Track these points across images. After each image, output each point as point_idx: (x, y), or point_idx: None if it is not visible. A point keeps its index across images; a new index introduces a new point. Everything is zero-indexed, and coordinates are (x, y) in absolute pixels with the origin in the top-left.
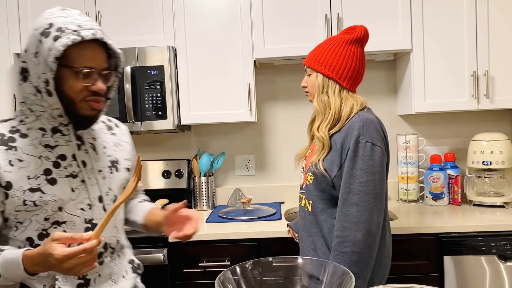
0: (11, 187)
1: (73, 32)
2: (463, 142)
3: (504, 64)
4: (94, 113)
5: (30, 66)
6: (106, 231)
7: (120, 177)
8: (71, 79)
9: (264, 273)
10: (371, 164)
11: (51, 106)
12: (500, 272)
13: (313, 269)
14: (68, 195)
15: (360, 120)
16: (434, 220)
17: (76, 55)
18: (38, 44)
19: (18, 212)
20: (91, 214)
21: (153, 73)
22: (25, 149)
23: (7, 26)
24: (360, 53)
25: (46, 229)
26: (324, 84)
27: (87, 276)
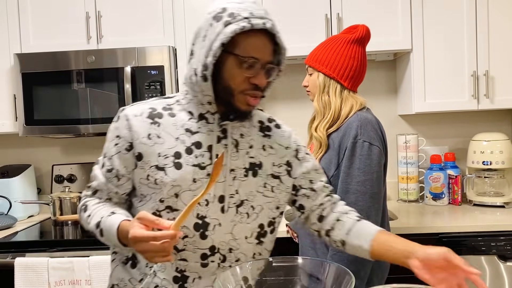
0: (141, 159)
1: (244, 19)
2: (463, 142)
3: (504, 64)
4: (249, 108)
5: (196, 49)
6: (217, 233)
7: (255, 183)
8: (234, 67)
9: (264, 273)
10: (369, 163)
11: (202, 92)
12: (500, 272)
13: (313, 269)
14: (187, 184)
15: (358, 120)
16: (434, 220)
17: (244, 44)
18: (208, 28)
19: (142, 185)
20: (206, 211)
21: (153, 73)
22: (167, 127)
23: (7, 26)
24: (362, 53)
25: (159, 211)
26: (325, 84)
27: (186, 272)
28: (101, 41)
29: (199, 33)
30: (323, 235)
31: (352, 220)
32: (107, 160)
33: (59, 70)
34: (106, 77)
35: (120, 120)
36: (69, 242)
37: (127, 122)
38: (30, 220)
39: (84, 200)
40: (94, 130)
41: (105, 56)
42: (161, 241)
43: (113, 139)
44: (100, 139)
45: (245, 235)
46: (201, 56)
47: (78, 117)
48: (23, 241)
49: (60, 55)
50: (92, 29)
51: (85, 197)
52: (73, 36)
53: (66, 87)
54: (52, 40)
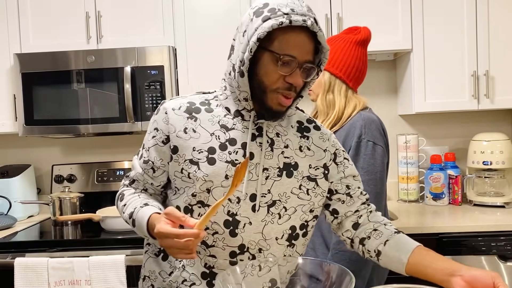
0: (176, 152)
1: (283, 15)
2: (463, 142)
3: (504, 64)
4: (281, 108)
5: (236, 44)
6: (247, 231)
7: (291, 184)
8: (270, 64)
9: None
10: (372, 163)
11: (239, 88)
12: (500, 272)
13: (313, 269)
14: (219, 180)
15: (362, 119)
16: (434, 220)
17: (280, 40)
18: (249, 23)
19: (176, 178)
20: (237, 208)
21: (153, 73)
22: (203, 122)
23: (7, 26)
24: (365, 55)
25: (191, 205)
26: (330, 83)
27: (214, 269)
28: (101, 41)
29: (240, 28)
30: (356, 243)
31: (390, 231)
32: (145, 151)
33: (59, 70)
34: (106, 77)
35: (159, 113)
36: (69, 242)
37: (166, 116)
38: (30, 220)
39: (121, 189)
40: (94, 130)
41: (105, 56)
42: (184, 239)
43: (151, 131)
44: (100, 139)
45: (276, 236)
46: (239, 51)
47: (78, 117)
48: (23, 241)
49: (60, 55)
50: (92, 29)
51: (122, 186)
52: (73, 36)
53: (66, 87)
54: (52, 40)
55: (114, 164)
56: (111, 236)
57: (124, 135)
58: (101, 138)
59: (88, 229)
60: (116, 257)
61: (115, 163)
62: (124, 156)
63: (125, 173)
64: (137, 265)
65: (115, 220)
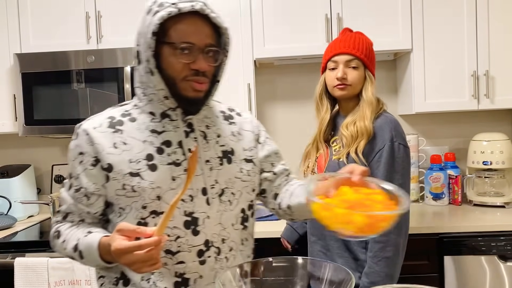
0: (112, 169)
1: (171, 5)
2: (463, 142)
3: (504, 64)
4: (198, 94)
5: (141, 47)
6: (208, 226)
7: (233, 169)
8: (170, 56)
9: (264, 273)
10: (405, 166)
11: (156, 87)
12: (500, 272)
13: (313, 269)
14: (167, 184)
15: (390, 122)
16: (434, 220)
17: (174, 30)
18: (143, 23)
19: (119, 197)
20: (193, 206)
21: None
22: (131, 133)
23: (7, 26)
24: None
25: (144, 218)
26: (374, 80)
27: (186, 275)
28: (101, 41)
29: (138, 32)
30: (278, 211)
31: (295, 186)
32: (74, 180)
33: (59, 70)
34: (106, 77)
35: (79, 136)
36: None
37: (88, 137)
38: (30, 220)
39: (55, 227)
40: None
41: (105, 56)
42: (146, 249)
43: (76, 157)
44: None
45: (232, 222)
46: (143, 51)
47: (78, 117)
48: (23, 241)
49: (60, 55)
50: (92, 29)
51: (55, 223)
52: (73, 36)
53: (66, 87)
54: (52, 40)
55: None
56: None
57: None
58: None
59: None
60: None
61: None
62: None
63: None
64: None
65: None
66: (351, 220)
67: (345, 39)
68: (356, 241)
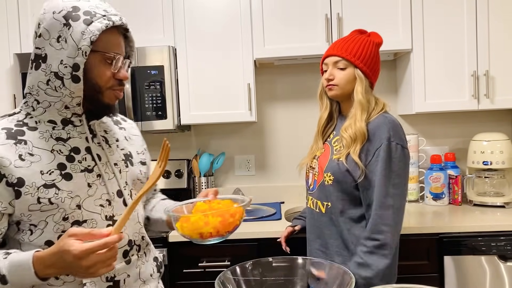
0: (24, 183)
1: (103, 17)
2: (463, 142)
3: (504, 64)
4: (114, 102)
5: (50, 51)
6: (129, 227)
7: (135, 172)
8: (100, 65)
9: (264, 273)
10: (402, 166)
11: (72, 94)
12: (500, 272)
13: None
14: (85, 191)
15: (388, 122)
16: (434, 220)
17: (105, 40)
18: (62, 28)
19: (32, 213)
20: (112, 210)
21: (153, 73)
22: (36, 143)
23: (7, 26)
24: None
25: (65, 230)
26: (363, 80)
27: (116, 277)
28: None
29: (46, 35)
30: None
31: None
32: None
33: None
34: None
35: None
36: None
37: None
38: None
39: None
40: None
41: None
42: (108, 247)
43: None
44: None
45: (140, 219)
46: (62, 57)
47: None
48: None
49: None
50: None
51: None
52: None
53: None
54: None
55: None
56: None
57: None
58: None
59: None
60: None
61: None
62: None
63: None
64: None
65: None
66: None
67: (339, 41)
68: (354, 240)
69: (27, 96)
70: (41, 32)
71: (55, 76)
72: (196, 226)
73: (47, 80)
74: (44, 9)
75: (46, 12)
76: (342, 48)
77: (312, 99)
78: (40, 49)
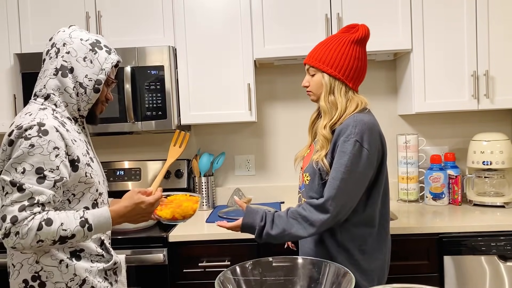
0: (79, 160)
1: (114, 51)
2: (463, 142)
3: (504, 64)
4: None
5: (76, 66)
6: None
7: None
8: (104, 85)
9: (264, 273)
10: (355, 163)
11: (89, 100)
12: (500, 272)
13: (313, 269)
14: (100, 172)
15: (354, 120)
16: (434, 220)
17: (112, 70)
18: (88, 52)
19: (79, 184)
20: (103, 188)
21: (153, 73)
22: (72, 132)
23: (7, 26)
24: (364, 53)
25: (96, 199)
26: (331, 84)
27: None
28: None
29: (74, 53)
30: None
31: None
32: (50, 173)
33: None
34: None
35: (50, 132)
36: None
37: (58, 133)
38: None
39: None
40: (94, 130)
41: None
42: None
43: (50, 151)
44: (100, 139)
45: None
46: (88, 73)
47: None
48: None
49: None
50: (92, 29)
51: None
52: None
53: None
54: None
55: (114, 164)
56: (111, 236)
57: (124, 135)
58: (101, 138)
59: None
60: None
61: (115, 163)
62: (124, 156)
63: (125, 173)
64: (137, 265)
65: None
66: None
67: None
68: (350, 239)
69: (51, 95)
70: (69, 50)
71: (80, 85)
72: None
73: (73, 87)
74: (70, 35)
75: (74, 38)
76: (311, 54)
77: None
78: (66, 62)
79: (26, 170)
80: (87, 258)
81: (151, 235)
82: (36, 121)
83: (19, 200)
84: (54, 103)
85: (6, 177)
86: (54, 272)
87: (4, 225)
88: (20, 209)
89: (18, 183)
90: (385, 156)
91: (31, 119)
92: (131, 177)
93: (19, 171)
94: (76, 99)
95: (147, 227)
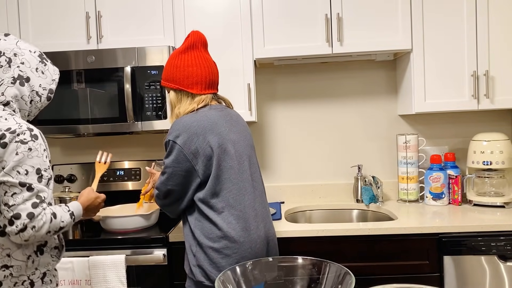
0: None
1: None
2: (463, 142)
3: (504, 64)
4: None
5: (32, 76)
6: None
7: None
8: None
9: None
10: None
11: (41, 107)
12: (500, 272)
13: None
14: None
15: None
16: (434, 220)
17: None
18: (39, 64)
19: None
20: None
21: (153, 73)
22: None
23: (7, 26)
24: (199, 57)
25: None
26: (177, 97)
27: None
28: (101, 41)
29: (27, 64)
30: None
31: None
32: (46, 173)
33: (59, 70)
34: (106, 77)
35: (39, 136)
36: (69, 242)
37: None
38: None
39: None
40: (94, 130)
41: (105, 56)
42: None
43: (43, 153)
44: (100, 139)
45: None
46: (42, 83)
47: (78, 117)
48: None
49: (60, 55)
50: (92, 29)
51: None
52: (73, 36)
53: (66, 87)
54: (52, 40)
55: (114, 164)
56: (111, 236)
57: (124, 135)
58: (101, 138)
59: (88, 229)
60: (116, 257)
61: (115, 163)
62: (124, 156)
63: (125, 173)
64: (137, 265)
65: (115, 220)
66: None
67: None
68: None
69: (11, 103)
70: (23, 61)
71: (36, 94)
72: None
73: (29, 95)
74: (18, 46)
75: (23, 49)
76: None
77: (312, 99)
78: (22, 72)
79: (29, 171)
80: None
81: (151, 235)
82: (26, 127)
83: (30, 198)
84: (13, 109)
85: (11, 179)
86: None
87: (21, 221)
88: (33, 206)
89: (27, 184)
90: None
91: (18, 125)
92: (131, 177)
93: (22, 173)
94: (29, 106)
95: (147, 227)
